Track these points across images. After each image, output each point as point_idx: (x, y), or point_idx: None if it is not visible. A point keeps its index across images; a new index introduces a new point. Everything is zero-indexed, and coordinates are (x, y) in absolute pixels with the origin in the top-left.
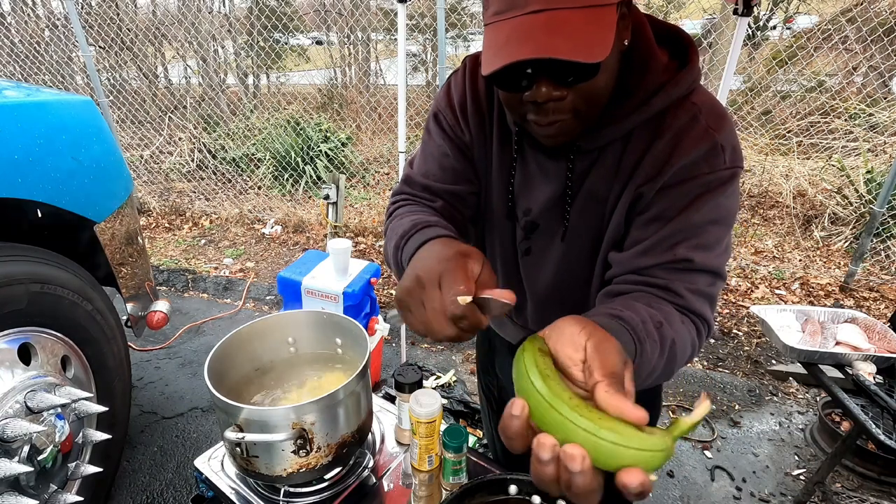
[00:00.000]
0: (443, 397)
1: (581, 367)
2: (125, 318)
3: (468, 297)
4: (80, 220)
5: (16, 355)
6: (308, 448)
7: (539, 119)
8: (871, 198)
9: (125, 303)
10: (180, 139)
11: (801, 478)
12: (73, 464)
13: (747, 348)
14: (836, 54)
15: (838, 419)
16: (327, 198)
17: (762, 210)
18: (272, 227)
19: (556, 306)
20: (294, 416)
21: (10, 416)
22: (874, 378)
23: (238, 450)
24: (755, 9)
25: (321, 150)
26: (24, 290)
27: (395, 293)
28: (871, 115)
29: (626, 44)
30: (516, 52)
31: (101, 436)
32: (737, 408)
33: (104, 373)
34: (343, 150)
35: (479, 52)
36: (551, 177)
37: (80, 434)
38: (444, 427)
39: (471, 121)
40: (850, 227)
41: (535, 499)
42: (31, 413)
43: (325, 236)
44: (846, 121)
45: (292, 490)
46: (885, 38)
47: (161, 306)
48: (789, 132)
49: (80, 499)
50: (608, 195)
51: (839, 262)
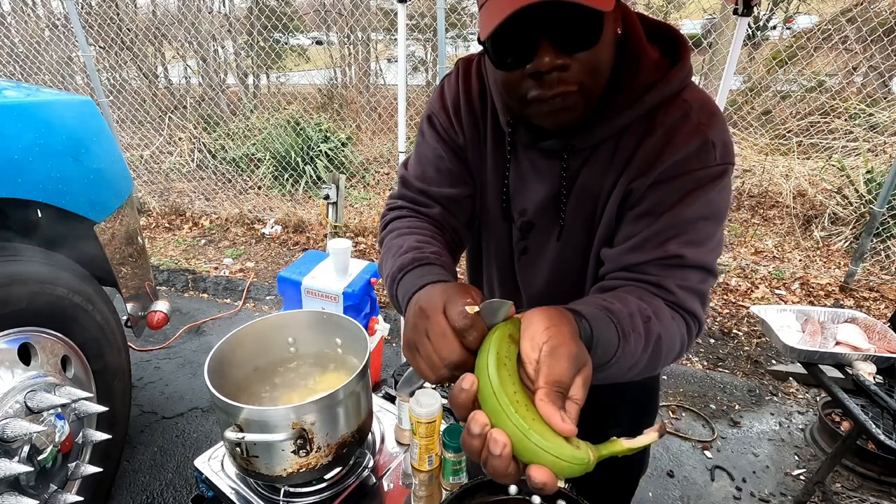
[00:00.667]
0: (443, 397)
1: (534, 366)
2: (125, 318)
3: (475, 307)
4: (80, 220)
5: (16, 355)
6: (308, 448)
7: (543, 93)
8: (871, 198)
9: (125, 303)
10: (180, 139)
11: (801, 478)
12: (73, 464)
13: (747, 348)
14: (836, 54)
15: (838, 419)
16: (327, 198)
17: (762, 210)
18: (272, 227)
19: (551, 304)
20: (294, 416)
21: (10, 416)
22: (874, 378)
23: (238, 450)
24: (755, 9)
25: (321, 150)
26: (24, 290)
27: (402, 340)
28: (871, 115)
29: (618, 32)
30: (514, 4)
31: (101, 436)
32: (737, 408)
33: (104, 373)
34: (343, 150)
35: (472, 55)
36: (545, 176)
37: (80, 434)
38: (444, 427)
39: (464, 122)
40: (850, 227)
41: (535, 499)
42: (31, 413)
43: (325, 236)
44: (846, 121)
45: (292, 490)
46: (885, 38)
47: (161, 306)
48: (789, 132)
49: (80, 499)
50: (600, 191)
51: (839, 262)
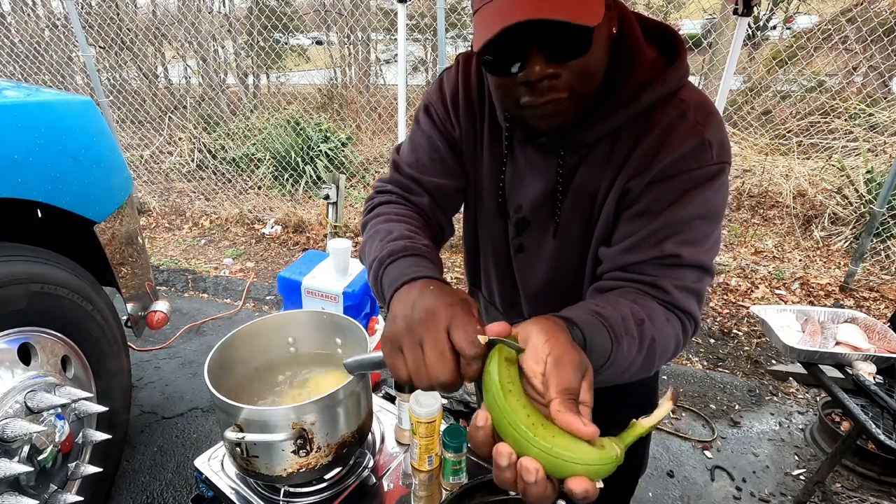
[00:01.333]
0: (443, 397)
1: (541, 379)
2: (125, 318)
3: (486, 337)
4: (80, 220)
5: (16, 355)
6: (308, 448)
7: (534, 100)
8: (871, 198)
9: (125, 303)
10: (180, 139)
11: (801, 478)
12: (73, 464)
13: (747, 348)
14: (836, 54)
15: (838, 419)
16: (327, 198)
17: (762, 210)
18: (272, 227)
19: (548, 302)
20: (294, 416)
21: (10, 416)
22: (874, 378)
23: (238, 450)
24: (755, 9)
25: (321, 150)
26: (24, 290)
27: (384, 331)
28: (871, 115)
29: (613, 31)
30: (508, 18)
31: (101, 436)
32: (737, 408)
33: (104, 373)
34: (343, 150)
35: (472, 49)
36: (541, 173)
37: (80, 434)
38: (444, 427)
39: (462, 116)
40: (850, 227)
41: None
42: (31, 413)
43: (325, 236)
44: (846, 121)
45: (292, 490)
46: (885, 38)
47: (161, 306)
48: (789, 132)
49: (80, 499)
50: (598, 190)
51: (839, 262)
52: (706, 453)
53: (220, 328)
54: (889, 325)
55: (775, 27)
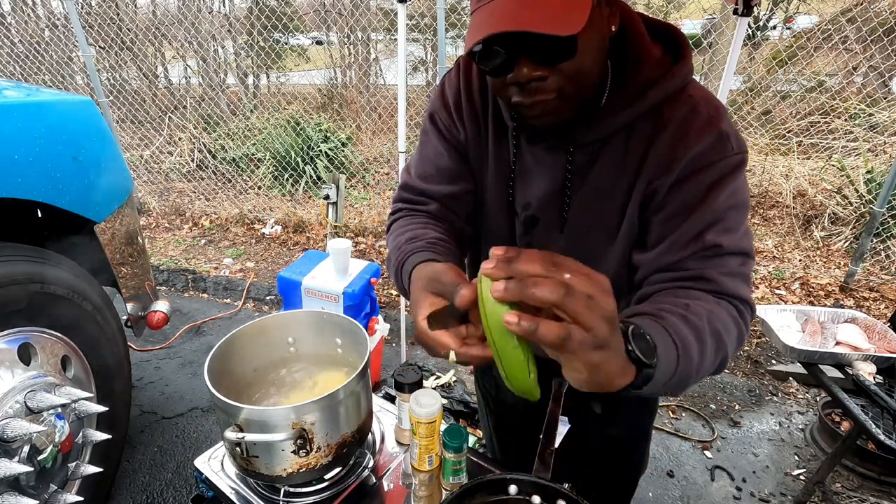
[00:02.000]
0: (443, 397)
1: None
2: (125, 318)
3: (454, 356)
4: (80, 220)
5: (16, 355)
6: (308, 448)
7: (523, 100)
8: (871, 198)
9: (125, 303)
10: (180, 139)
11: (801, 478)
12: (73, 464)
13: (747, 348)
14: (836, 54)
15: (838, 419)
16: (327, 198)
17: (762, 210)
18: (272, 227)
19: None
20: (294, 416)
21: (10, 416)
22: (874, 378)
23: (238, 450)
24: (755, 9)
25: (321, 150)
26: (24, 290)
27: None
28: (871, 115)
29: (613, 30)
30: (493, 26)
31: (101, 436)
32: (737, 408)
33: (104, 373)
34: (343, 150)
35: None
36: (550, 170)
37: (80, 434)
38: (444, 427)
39: (465, 118)
40: (850, 227)
41: (535, 499)
42: (31, 413)
43: (325, 236)
44: (846, 121)
45: (292, 490)
46: (885, 38)
47: (161, 306)
48: (789, 132)
49: (80, 499)
50: (615, 191)
51: (839, 262)
52: (706, 453)
53: (220, 328)
54: (889, 325)
55: (775, 27)
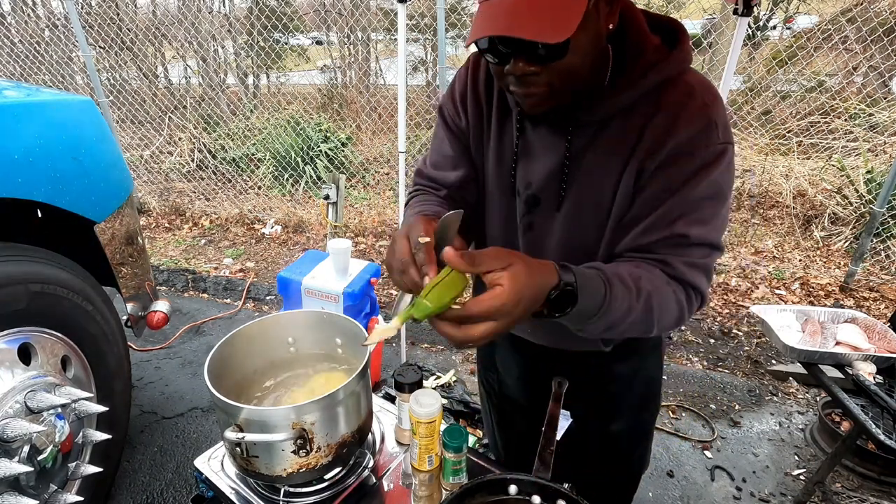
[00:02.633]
0: (443, 397)
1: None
2: (125, 318)
3: (426, 238)
4: (80, 220)
5: (16, 355)
6: (308, 448)
7: (518, 90)
8: (871, 198)
9: (125, 303)
10: (180, 139)
11: (801, 478)
12: (73, 464)
13: (747, 348)
14: (836, 54)
15: (838, 419)
16: (327, 198)
17: (762, 210)
18: (272, 227)
19: None
20: (294, 416)
21: (10, 416)
22: (874, 378)
23: (238, 450)
24: (755, 9)
25: (321, 150)
26: (24, 290)
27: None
28: (871, 115)
29: (610, 28)
30: (483, 30)
31: (101, 436)
32: (737, 408)
33: (104, 373)
34: (343, 150)
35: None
36: (551, 150)
37: (80, 434)
38: (444, 427)
39: (469, 107)
40: (850, 227)
41: (535, 499)
42: (31, 413)
43: (325, 236)
44: (846, 121)
45: (292, 490)
46: (885, 38)
47: (161, 306)
48: (789, 132)
49: (80, 499)
50: (609, 171)
51: (839, 262)
52: (706, 453)
53: (220, 328)
54: (889, 325)
55: (775, 27)
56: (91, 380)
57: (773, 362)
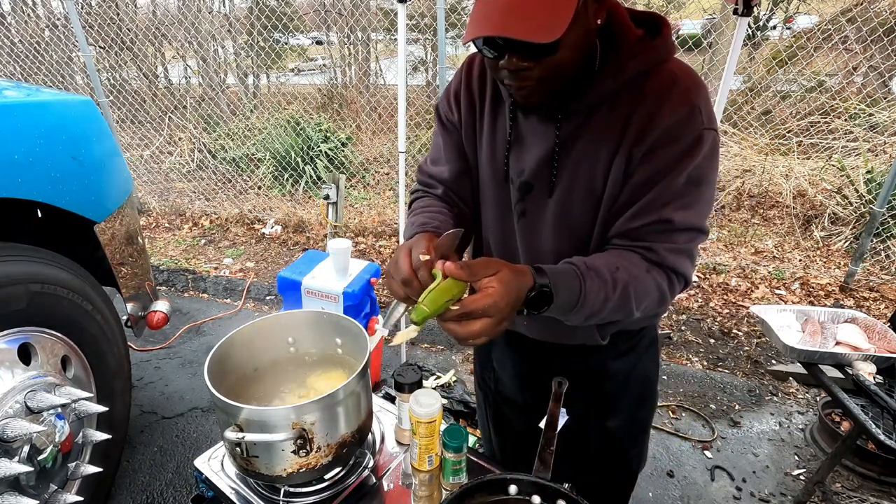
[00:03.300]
0: (443, 397)
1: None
2: (125, 318)
3: (427, 256)
4: (80, 220)
5: (16, 355)
6: (308, 448)
7: (511, 83)
8: (871, 198)
9: (125, 303)
10: (180, 139)
11: (801, 478)
12: (73, 464)
13: (747, 348)
14: (836, 54)
15: (838, 419)
16: (327, 198)
17: (762, 210)
18: (272, 227)
19: None
20: (294, 416)
21: (10, 416)
22: (874, 378)
23: (238, 450)
24: (755, 9)
25: (321, 150)
26: (24, 290)
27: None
28: (871, 115)
29: (598, 23)
30: (480, 29)
31: (101, 436)
32: (737, 408)
33: (104, 373)
34: (343, 150)
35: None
36: (542, 138)
37: (80, 434)
38: (444, 427)
39: (462, 103)
40: (850, 227)
41: (535, 499)
42: (31, 413)
43: (325, 236)
44: (846, 121)
45: (292, 490)
46: (885, 38)
47: (161, 306)
48: (789, 132)
49: (80, 499)
50: (598, 158)
51: (839, 262)
52: (706, 453)
53: (220, 328)
54: (889, 325)
55: (775, 27)
56: (91, 380)
57: (773, 362)
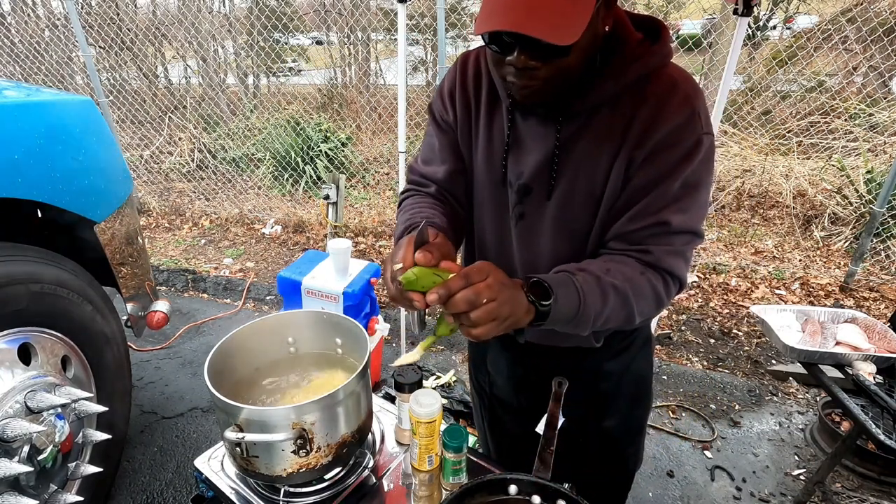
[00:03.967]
0: (443, 397)
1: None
2: (125, 318)
3: (400, 264)
4: (80, 220)
5: (16, 355)
6: (308, 448)
7: (516, 81)
8: (871, 198)
9: (125, 303)
10: (180, 139)
11: (801, 478)
12: (73, 464)
13: (747, 348)
14: (836, 54)
15: (838, 419)
16: (327, 198)
17: (762, 210)
18: (272, 227)
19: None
20: (294, 416)
21: (10, 416)
22: (874, 378)
23: (238, 450)
24: (755, 9)
25: (321, 150)
26: (24, 290)
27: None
28: (871, 115)
29: (606, 30)
30: (497, 23)
31: (101, 436)
32: (737, 408)
33: (104, 373)
34: (343, 150)
35: (472, 49)
36: (541, 140)
37: (80, 434)
38: (444, 427)
39: (457, 102)
40: (850, 227)
41: (535, 499)
42: (31, 413)
43: (325, 236)
44: (846, 121)
45: (292, 490)
46: (885, 38)
47: (161, 306)
48: (789, 132)
49: (80, 499)
50: (599, 161)
51: (839, 262)
52: (706, 453)
53: (220, 328)
54: (889, 325)
55: (775, 27)
56: (91, 380)
57: (773, 362)
